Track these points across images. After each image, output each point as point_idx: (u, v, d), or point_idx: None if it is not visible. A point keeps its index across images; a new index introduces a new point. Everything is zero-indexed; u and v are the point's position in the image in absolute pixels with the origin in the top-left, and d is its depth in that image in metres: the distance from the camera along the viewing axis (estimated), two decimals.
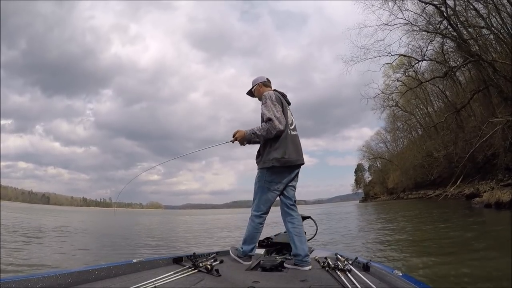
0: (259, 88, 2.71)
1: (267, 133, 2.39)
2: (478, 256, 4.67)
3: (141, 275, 1.91)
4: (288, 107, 2.63)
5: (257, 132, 2.42)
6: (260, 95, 2.63)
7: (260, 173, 2.50)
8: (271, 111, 2.42)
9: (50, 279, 1.54)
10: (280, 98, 2.55)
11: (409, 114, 38.39)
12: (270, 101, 2.47)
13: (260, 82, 2.72)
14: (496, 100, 19.31)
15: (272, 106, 2.44)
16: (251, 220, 2.51)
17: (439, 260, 4.62)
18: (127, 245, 8.48)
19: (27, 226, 12.63)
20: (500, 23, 17.84)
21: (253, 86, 2.74)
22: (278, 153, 2.41)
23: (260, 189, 2.49)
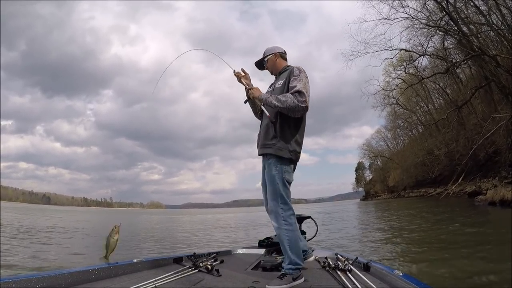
0: (274, 59, 2.34)
1: (293, 108, 1.97)
2: (482, 256, 4.61)
3: (141, 275, 1.92)
4: None
5: (280, 99, 2.00)
6: (275, 67, 2.34)
7: (279, 162, 2.03)
8: (305, 85, 2.02)
9: (50, 279, 1.55)
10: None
11: (410, 112, 38.34)
12: (305, 75, 2.08)
13: (278, 52, 2.34)
14: (497, 97, 19.23)
15: (306, 82, 2.06)
16: (286, 223, 1.98)
17: (440, 261, 4.58)
18: (125, 245, 8.41)
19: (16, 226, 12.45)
20: (501, 19, 17.73)
21: (267, 55, 2.34)
22: (298, 146, 2.10)
23: (282, 182, 2.02)
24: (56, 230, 12.02)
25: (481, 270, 3.83)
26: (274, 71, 2.36)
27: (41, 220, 18.63)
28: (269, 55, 2.34)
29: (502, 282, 3.36)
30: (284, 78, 2.18)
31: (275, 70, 2.35)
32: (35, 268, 4.76)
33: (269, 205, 2.06)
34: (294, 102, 1.95)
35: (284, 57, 2.38)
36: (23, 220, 15.90)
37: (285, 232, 1.97)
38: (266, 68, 2.38)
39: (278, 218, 2.00)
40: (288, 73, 2.17)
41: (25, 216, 21.18)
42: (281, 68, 2.33)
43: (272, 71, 2.37)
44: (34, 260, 5.45)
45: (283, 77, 2.20)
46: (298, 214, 3.46)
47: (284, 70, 2.29)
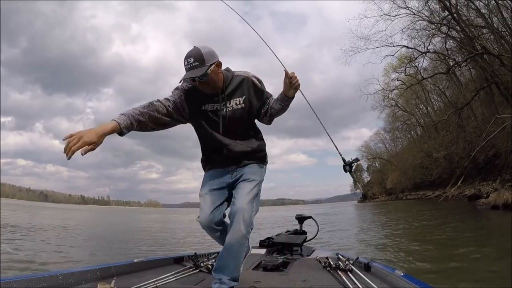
0: (217, 70, 1.69)
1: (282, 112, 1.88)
2: (486, 258, 4.55)
3: (142, 275, 1.93)
4: None
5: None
6: (218, 82, 1.71)
7: (263, 170, 1.90)
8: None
9: (51, 279, 1.55)
10: None
11: (409, 114, 38.38)
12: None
13: (219, 60, 1.69)
14: (498, 100, 19.19)
15: None
16: (246, 240, 1.68)
17: (440, 261, 4.55)
18: (124, 245, 8.34)
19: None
20: (502, 22, 17.70)
21: (211, 64, 1.62)
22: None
23: (258, 193, 1.83)
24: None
25: (481, 270, 3.81)
26: (216, 87, 1.72)
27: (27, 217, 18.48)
28: (213, 64, 1.63)
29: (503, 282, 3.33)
30: (244, 92, 1.78)
31: (217, 87, 1.72)
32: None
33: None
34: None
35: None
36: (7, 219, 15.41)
37: (239, 248, 1.65)
38: (202, 84, 1.66)
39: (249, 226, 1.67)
40: (248, 85, 1.80)
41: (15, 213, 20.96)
42: (225, 80, 1.76)
43: (214, 88, 1.71)
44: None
45: (239, 92, 1.78)
46: (299, 214, 3.42)
47: (231, 82, 1.78)
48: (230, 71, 1.83)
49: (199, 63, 1.60)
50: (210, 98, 1.77)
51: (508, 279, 3.37)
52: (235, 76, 1.82)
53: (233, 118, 1.78)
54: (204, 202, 1.78)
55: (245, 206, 1.63)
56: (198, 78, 1.62)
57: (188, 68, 1.61)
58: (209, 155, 1.89)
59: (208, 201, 1.78)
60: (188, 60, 1.60)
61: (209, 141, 1.83)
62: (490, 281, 3.45)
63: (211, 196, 1.79)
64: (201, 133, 1.85)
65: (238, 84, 1.80)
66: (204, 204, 1.78)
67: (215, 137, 1.79)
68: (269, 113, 1.88)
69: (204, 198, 1.80)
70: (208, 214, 1.74)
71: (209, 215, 1.74)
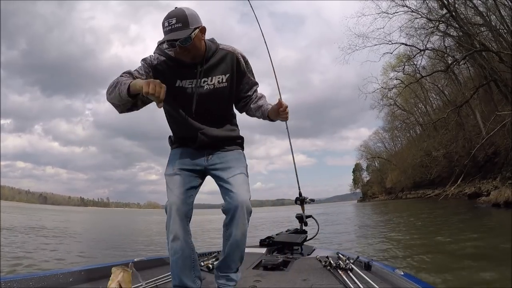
0: (201, 36, 1.48)
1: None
2: (487, 259, 4.50)
3: (142, 274, 1.90)
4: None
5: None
6: (200, 50, 1.48)
7: (244, 156, 1.77)
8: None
9: (51, 278, 1.55)
10: None
11: (408, 113, 38.46)
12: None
13: (203, 25, 1.47)
14: (497, 97, 19.18)
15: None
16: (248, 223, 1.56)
17: (441, 261, 4.50)
18: (125, 245, 8.29)
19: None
20: (500, 20, 17.71)
21: (195, 28, 1.40)
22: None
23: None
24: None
25: (482, 271, 3.71)
26: (197, 56, 1.50)
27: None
28: (197, 29, 1.41)
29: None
30: (227, 69, 1.58)
31: (199, 56, 1.50)
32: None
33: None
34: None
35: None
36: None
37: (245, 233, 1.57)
38: (183, 51, 1.42)
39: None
40: (232, 61, 1.60)
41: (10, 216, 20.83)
42: (207, 51, 1.53)
43: (195, 56, 1.49)
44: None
45: (222, 68, 1.57)
46: (299, 213, 3.38)
47: (214, 55, 1.56)
48: (215, 42, 1.59)
49: (182, 25, 1.37)
50: (187, 72, 1.52)
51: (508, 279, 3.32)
52: (219, 49, 1.58)
53: (213, 97, 1.57)
54: (173, 183, 1.55)
55: (245, 198, 1.50)
56: (180, 43, 1.38)
57: (169, 30, 1.37)
58: (181, 138, 1.67)
59: (179, 181, 1.55)
60: (169, 21, 1.37)
61: (181, 123, 1.59)
62: (490, 281, 3.39)
63: (182, 177, 1.57)
64: (171, 115, 1.62)
65: (221, 58, 1.58)
66: (173, 185, 1.55)
67: (189, 119, 1.58)
68: (247, 108, 1.74)
69: (172, 178, 1.57)
70: (179, 195, 1.51)
71: (180, 198, 1.50)
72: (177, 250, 1.46)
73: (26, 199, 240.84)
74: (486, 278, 3.43)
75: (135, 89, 1.30)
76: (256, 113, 1.71)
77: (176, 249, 1.46)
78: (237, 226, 1.49)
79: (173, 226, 1.46)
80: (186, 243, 1.49)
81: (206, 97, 1.55)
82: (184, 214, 1.49)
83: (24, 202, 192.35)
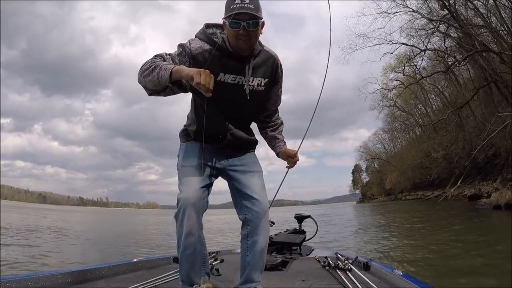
0: (261, 29, 1.39)
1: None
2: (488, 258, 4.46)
3: (141, 274, 1.94)
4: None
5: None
6: (257, 39, 1.41)
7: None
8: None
9: (50, 278, 1.56)
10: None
11: (408, 114, 38.43)
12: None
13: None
14: (497, 99, 19.15)
15: None
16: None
17: (440, 261, 4.52)
18: (124, 245, 8.27)
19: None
20: (500, 21, 17.68)
21: (261, 17, 1.33)
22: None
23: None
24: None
25: (483, 270, 3.76)
26: (251, 49, 1.40)
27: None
28: (262, 20, 1.35)
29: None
30: (267, 73, 1.49)
31: (252, 48, 1.41)
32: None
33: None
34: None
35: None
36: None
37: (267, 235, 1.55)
38: (245, 34, 1.32)
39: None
40: (273, 66, 1.50)
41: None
42: (255, 49, 1.43)
43: (251, 47, 1.39)
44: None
45: (263, 71, 1.47)
46: (298, 213, 3.37)
47: (259, 54, 1.45)
48: (260, 43, 1.47)
49: (254, 7, 1.28)
50: (233, 66, 1.39)
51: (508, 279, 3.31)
52: (264, 50, 1.48)
53: (251, 99, 1.47)
54: (190, 176, 1.43)
55: (267, 205, 1.48)
56: (247, 25, 1.28)
57: (241, 8, 1.26)
58: (202, 134, 1.48)
59: (196, 174, 1.43)
60: (243, 0, 1.27)
61: (212, 120, 1.43)
62: (491, 281, 3.39)
63: (200, 171, 1.45)
64: (202, 109, 1.45)
65: (265, 60, 1.48)
66: (189, 178, 1.42)
67: (222, 117, 1.48)
68: (263, 128, 1.70)
69: (189, 170, 1.45)
70: (196, 190, 1.39)
71: (197, 192, 1.39)
72: (189, 246, 1.37)
73: (25, 198, 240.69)
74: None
75: (178, 76, 1.22)
76: (268, 140, 1.70)
77: (189, 245, 1.37)
78: (263, 233, 1.45)
79: (188, 222, 1.35)
80: (200, 238, 1.41)
81: (246, 98, 1.45)
82: (201, 210, 1.40)
83: (23, 202, 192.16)
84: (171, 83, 1.24)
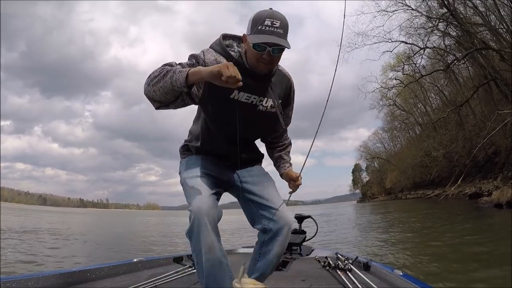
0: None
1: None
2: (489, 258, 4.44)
3: (141, 274, 1.96)
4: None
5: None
6: (277, 65, 1.37)
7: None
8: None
9: (51, 279, 1.56)
10: None
11: (407, 113, 38.46)
12: None
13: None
14: (497, 97, 19.14)
15: None
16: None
17: (440, 261, 4.48)
18: (124, 245, 8.25)
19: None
20: (499, 19, 17.69)
21: (289, 46, 1.25)
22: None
23: None
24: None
25: (483, 271, 3.72)
26: (269, 72, 1.35)
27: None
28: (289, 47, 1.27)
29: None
30: (281, 94, 1.44)
31: (269, 72, 1.36)
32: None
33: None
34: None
35: None
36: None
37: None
38: (269, 59, 1.25)
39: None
40: (287, 87, 1.46)
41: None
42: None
43: (271, 71, 1.36)
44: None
45: (278, 92, 1.41)
46: (298, 213, 3.35)
47: (274, 73, 1.40)
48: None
49: (283, 32, 1.22)
50: (248, 85, 1.28)
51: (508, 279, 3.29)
52: (278, 69, 1.42)
53: (264, 121, 1.40)
54: (198, 185, 1.30)
55: (290, 216, 1.41)
56: (273, 51, 1.22)
57: (270, 32, 1.19)
58: (208, 151, 1.45)
59: (205, 183, 1.32)
60: (273, 22, 1.20)
61: (220, 139, 1.39)
62: (491, 281, 3.37)
63: (209, 180, 1.35)
64: (211, 127, 1.39)
65: (280, 81, 1.42)
66: (197, 188, 1.29)
67: (231, 137, 1.36)
68: (271, 148, 1.65)
69: (196, 180, 1.34)
70: (207, 198, 1.26)
71: (209, 201, 1.25)
72: (214, 262, 1.23)
73: (25, 200, 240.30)
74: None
75: (198, 77, 1.12)
76: (274, 160, 1.64)
77: (214, 261, 1.22)
78: (280, 244, 1.40)
79: (207, 238, 1.20)
80: (221, 251, 1.26)
81: (258, 119, 1.38)
82: (216, 218, 1.25)
83: (23, 204, 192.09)
84: (188, 87, 1.14)
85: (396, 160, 51.22)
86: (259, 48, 1.22)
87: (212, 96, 1.30)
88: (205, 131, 1.41)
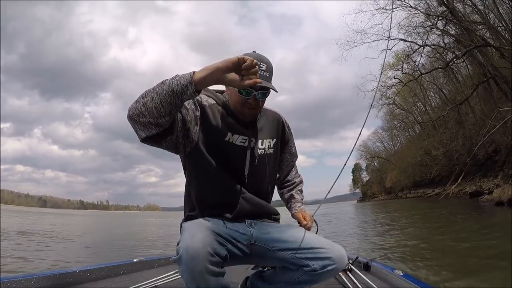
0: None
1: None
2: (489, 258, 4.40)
3: (141, 274, 1.97)
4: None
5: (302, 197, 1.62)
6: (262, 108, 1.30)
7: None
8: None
9: (51, 278, 1.57)
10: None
11: (407, 112, 38.43)
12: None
13: None
14: (497, 95, 19.12)
15: None
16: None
17: (440, 261, 4.44)
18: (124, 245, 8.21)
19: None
20: (498, 17, 17.67)
21: (275, 89, 1.21)
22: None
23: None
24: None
25: (482, 271, 3.69)
26: (253, 117, 1.28)
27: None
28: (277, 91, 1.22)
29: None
30: (274, 133, 1.36)
31: (254, 117, 1.29)
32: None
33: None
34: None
35: None
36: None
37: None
38: (255, 104, 1.20)
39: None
40: (279, 125, 1.40)
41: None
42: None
43: (256, 115, 1.29)
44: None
45: (270, 131, 1.35)
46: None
47: (262, 116, 1.35)
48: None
49: (269, 75, 1.19)
50: (241, 127, 1.24)
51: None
52: (265, 109, 1.36)
53: (263, 163, 1.29)
54: (193, 229, 1.07)
55: (342, 251, 1.28)
56: (259, 94, 1.18)
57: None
58: (212, 205, 1.26)
59: (204, 229, 1.08)
60: (259, 65, 1.13)
61: (220, 185, 1.24)
62: (491, 280, 3.34)
63: (211, 233, 1.09)
64: (209, 173, 1.22)
65: (269, 120, 1.36)
66: (190, 232, 1.05)
67: (232, 181, 1.25)
68: (281, 188, 1.56)
69: (193, 226, 1.11)
70: (204, 236, 1.03)
71: (205, 239, 1.02)
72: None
73: (25, 202, 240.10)
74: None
75: (206, 73, 0.96)
76: (286, 202, 1.56)
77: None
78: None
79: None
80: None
81: (258, 162, 1.28)
82: (204, 262, 0.99)
83: (23, 206, 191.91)
84: (195, 91, 0.96)
85: (396, 159, 51.24)
86: (245, 93, 1.17)
87: (206, 140, 1.20)
88: (205, 180, 1.25)
